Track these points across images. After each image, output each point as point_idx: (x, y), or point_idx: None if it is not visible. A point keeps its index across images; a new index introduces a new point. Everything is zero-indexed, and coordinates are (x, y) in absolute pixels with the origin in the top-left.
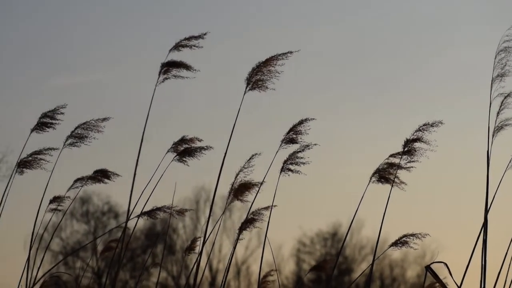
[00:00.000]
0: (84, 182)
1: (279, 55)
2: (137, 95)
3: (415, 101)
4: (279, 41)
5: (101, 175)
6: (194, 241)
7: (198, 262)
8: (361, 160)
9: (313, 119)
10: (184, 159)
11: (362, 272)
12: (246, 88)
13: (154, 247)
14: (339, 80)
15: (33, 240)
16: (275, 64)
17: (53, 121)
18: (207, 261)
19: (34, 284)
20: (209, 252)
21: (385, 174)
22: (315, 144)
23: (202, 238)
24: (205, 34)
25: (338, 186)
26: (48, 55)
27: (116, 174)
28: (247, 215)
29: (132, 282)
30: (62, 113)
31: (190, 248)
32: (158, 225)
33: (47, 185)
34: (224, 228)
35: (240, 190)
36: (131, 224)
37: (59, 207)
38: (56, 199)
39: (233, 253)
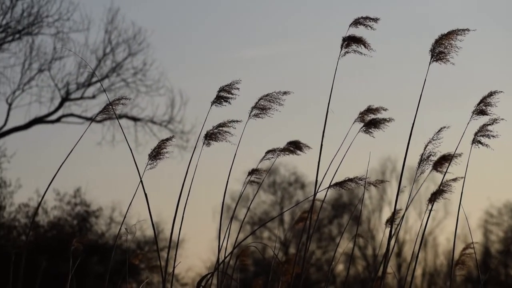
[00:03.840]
0: (276, 153)
1: (459, 30)
2: (323, 67)
3: None
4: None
5: (294, 146)
6: (395, 213)
7: (393, 234)
8: None
9: (501, 91)
10: (370, 130)
11: None
12: (430, 59)
13: (340, 218)
14: None
15: (223, 210)
16: (456, 38)
17: (229, 96)
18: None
19: (231, 253)
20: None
21: None
22: (502, 119)
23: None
24: (378, 19)
25: None
26: (236, 28)
27: (308, 146)
28: (439, 187)
29: (319, 252)
30: (237, 88)
31: (392, 220)
32: (344, 196)
33: (234, 156)
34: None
35: (439, 161)
36: (320, 195)
37: (256, 179)
38: (255, 171)
39: (426, 225)
